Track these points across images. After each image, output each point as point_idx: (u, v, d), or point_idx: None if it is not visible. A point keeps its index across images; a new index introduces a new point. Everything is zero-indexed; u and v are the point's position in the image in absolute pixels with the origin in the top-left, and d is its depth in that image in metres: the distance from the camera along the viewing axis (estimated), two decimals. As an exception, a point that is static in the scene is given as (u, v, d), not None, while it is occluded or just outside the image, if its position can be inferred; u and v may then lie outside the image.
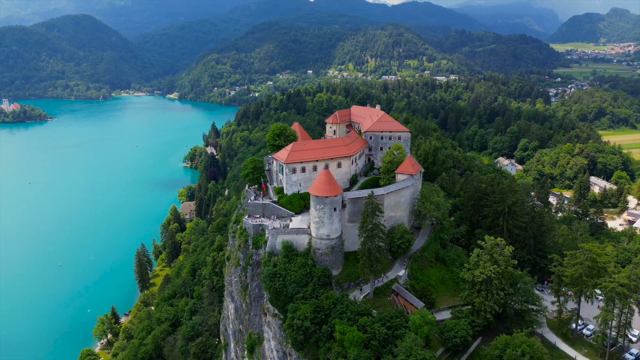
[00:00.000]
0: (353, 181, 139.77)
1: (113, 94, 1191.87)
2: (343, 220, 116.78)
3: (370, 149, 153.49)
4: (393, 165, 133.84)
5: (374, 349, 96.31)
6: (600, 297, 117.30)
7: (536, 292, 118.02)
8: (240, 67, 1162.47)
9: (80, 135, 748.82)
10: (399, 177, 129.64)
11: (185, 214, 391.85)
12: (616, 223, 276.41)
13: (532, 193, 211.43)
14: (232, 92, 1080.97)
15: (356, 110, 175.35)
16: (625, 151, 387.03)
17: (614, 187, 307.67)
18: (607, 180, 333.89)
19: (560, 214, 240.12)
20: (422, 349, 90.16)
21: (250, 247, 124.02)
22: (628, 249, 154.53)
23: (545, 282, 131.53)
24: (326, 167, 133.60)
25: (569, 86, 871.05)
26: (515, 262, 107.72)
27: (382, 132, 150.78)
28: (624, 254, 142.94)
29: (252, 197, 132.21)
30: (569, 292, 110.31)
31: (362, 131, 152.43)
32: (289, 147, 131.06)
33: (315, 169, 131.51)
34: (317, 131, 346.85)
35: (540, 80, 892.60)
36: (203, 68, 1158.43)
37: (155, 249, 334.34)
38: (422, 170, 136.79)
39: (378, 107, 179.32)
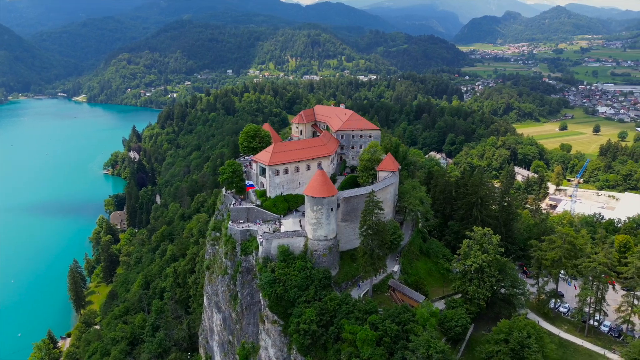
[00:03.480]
0: (332, 180, 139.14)
1: (10, 98, 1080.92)
2: (337, 220, 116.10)
3: (342, 148, 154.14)
4: (372, 163, 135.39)
5: (387, 345, 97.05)
6: (563, 277, 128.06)
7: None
8: (155, 67, 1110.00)
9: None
10: (381, 174, 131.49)
11: (116, 224, 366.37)
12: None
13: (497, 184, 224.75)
14: (148, 94, 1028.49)
15: (320, 110, 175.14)
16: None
17: (535, 175, 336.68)
18: (527, 169, 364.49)
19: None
20: (439, 341, 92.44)
21: (238, 254, 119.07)
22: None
23: (518, 267, 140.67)
24: (308, 167, 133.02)
25: (477, 83, 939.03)
26: (502, 249, 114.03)
27: (353, 130, 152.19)
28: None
29: (234, 202, 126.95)
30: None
31: (334, 130, 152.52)
32: (270, 148, 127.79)
33: (297, 169, 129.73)
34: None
35: (451, 79, 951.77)
36: (113, 68, 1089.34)
37: (88, 264, 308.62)
38: (400, 167, 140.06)
39: (342, 106, 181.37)
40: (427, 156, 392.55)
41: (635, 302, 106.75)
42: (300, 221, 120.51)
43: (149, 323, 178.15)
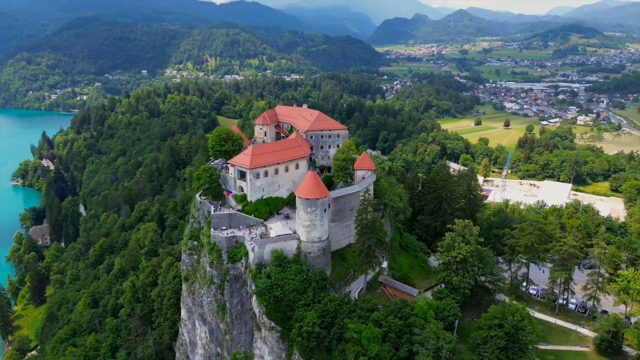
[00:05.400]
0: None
1: None
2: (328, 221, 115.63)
3: (311, 148, 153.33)
4: (347, 163, 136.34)
5: (392, 341, 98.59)
6: (524, 260, 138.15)
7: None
8: (60, 67, 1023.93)
9: None
10: (359, 172, 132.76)
11: (38, 240, 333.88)
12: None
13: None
14: (53, 96, 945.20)
15: (282, 110, 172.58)
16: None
17: (466, 169, 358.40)
18: (456, 163, 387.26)
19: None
20: (447, 332, 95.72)
21: (225, 262, 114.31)
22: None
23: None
24: (286, 169, 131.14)
25: (395, 82, 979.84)
26: (482, 239, 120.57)
27: (322, 130, 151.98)
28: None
29: (214, 209, 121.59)
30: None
31: (303, 131, 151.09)
32: (249, 151, 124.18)
33: (277, 172, 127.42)
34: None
35: (370, 78, 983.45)
36: (11, 69, 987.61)
37: (11, 285, 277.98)
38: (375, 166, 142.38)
39: (305, 106, 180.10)
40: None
41: (600, 279, 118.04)
42: (287, 223, 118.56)
43: (105, 344, 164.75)
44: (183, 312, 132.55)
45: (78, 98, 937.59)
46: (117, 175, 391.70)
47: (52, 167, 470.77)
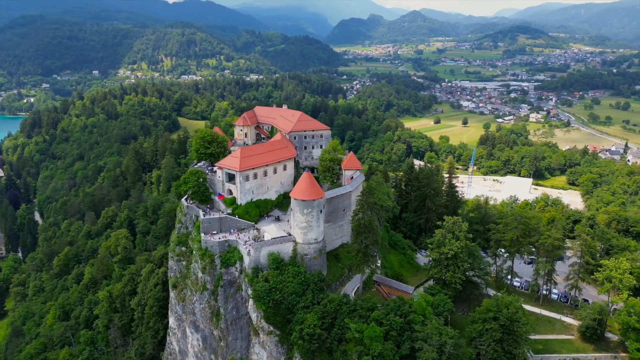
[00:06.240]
0: (296, 182, 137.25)
1: None
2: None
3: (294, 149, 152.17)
4: (333, 163, 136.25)
5: (394, 339, 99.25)
6: (504, 252, 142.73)
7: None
8: (3, 68, 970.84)
9: None
10: (347, 172, 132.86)
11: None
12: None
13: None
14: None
15: (262, 111, 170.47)
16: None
17: (432, 166, 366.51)
18: (421, 160, 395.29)
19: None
20: (449, 328, 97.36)
21: (218, 267, 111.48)
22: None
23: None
24: (275, 170, 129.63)
25: (354, 82, 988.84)
26: (471, 235, 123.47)
27: (305, 131, 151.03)
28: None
29: (203, 213, 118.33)
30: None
31: (286, 132, 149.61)
32: (237, 153, 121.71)
33: (265, 173, 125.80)
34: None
35: (330, 78, 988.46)
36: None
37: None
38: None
39: (285, 106, 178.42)
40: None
41: (581, 269, 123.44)
42: (280, 225, 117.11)
43: (81, 358, 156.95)
44: (172, 320, 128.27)
45: (25, 100, 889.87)
46: (76, 181, 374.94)
47: (2, 174, 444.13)
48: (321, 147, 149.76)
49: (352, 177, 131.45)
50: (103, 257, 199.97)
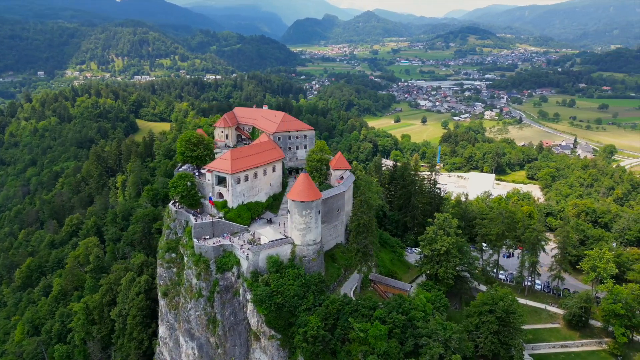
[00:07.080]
0: (284, 184, 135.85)
1: None
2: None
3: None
4: (321, 163, 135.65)
5: (397, 337, 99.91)
6: (485, 247, 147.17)
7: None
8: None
9: None
10: (337, 172, 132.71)
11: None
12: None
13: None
14: None
15: (242, 112, 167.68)
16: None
17: (399, 164, 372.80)
18: (387, 159, 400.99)
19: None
20: (452, 323, 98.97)
21: (213, 273, 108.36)
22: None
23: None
24: (265, 172, 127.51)
25: (313, 82, 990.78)
26: (460, 231, 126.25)
27: (290, 132, 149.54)
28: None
29: (194, 218, 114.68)
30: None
31: (270, 132, 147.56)
32: (227, 155, 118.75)
33: (256, 175, 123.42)
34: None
35: (289, 78, 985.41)
36: None
37: None
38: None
39: (265, 107, 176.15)
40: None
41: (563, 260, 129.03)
42: (276, 228, 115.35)
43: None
44: (162, 329, 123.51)
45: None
46: (30, 188, 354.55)
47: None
48: (305, 147, 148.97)
49: (342, 177, 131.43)
50: (72, 267, 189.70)
